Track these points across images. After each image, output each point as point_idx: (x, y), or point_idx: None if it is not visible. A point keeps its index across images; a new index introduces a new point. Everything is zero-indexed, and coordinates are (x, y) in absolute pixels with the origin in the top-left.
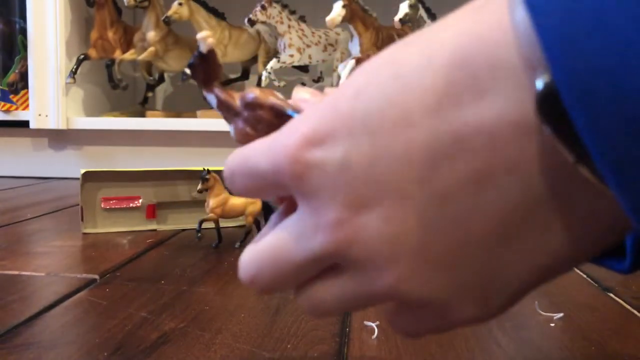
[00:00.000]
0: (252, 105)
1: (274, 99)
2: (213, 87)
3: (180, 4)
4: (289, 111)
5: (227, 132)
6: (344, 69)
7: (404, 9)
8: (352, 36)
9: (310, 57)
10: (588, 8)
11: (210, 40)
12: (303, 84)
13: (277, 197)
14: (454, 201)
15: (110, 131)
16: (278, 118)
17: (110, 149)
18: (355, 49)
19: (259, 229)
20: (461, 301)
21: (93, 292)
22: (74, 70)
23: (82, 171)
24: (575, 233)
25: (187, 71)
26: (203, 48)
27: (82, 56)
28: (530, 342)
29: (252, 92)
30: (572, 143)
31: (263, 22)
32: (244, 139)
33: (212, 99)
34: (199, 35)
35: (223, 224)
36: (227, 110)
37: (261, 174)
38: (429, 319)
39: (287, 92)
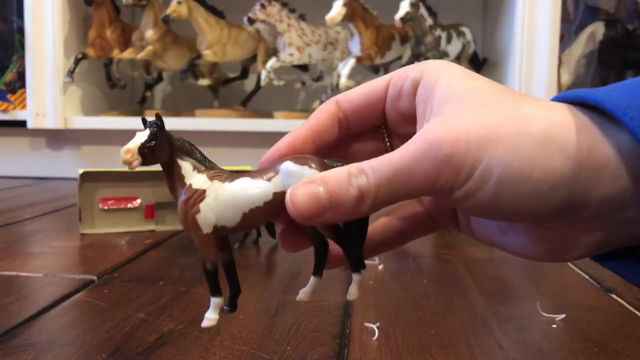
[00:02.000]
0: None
1: (196, 234)
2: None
3: (179, 2)
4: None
5: (226, 132)
6: (344, 67)
7: (404, 7)
8: (352, 35)
9: (310, 56)
10: None
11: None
12: (303, 83)
13: None
14: None
15: (108, 131)
16: None
17: (109, 148)
18: (355, 47)
19: (258, 229)
20: None
21: (91, 293)
22: (71, 69)
23: (80, 171)
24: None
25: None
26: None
27: (80, 55)
28: (531, 343)
29: (181, 215)
30: None
31: (262, 21)
32: None
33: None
34: None
35: None
36: None
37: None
38: None
39: (287, 91)
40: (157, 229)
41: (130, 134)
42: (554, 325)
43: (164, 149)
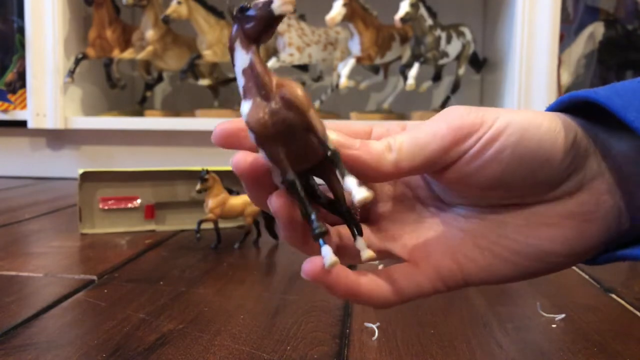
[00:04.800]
0: (289, 104)
1: (313, 112)
2: (252, 47)
3: (179, 2)
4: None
5: None
6: (344, 67)
7: (404, 7)
8: (352, 35)
9: (310, 56)
10: None
11: (287, 8)
12: (303, 83)
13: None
14: None
15: (108, 131)
16: (303, 132)
17: (109, 148)
18: (355, 47)
19: (258, 229)
20: None
21: (91, 293)
22: (72, 69)
23: (80, 171)
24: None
25: (236, 12)
26: (278, 9)
27: (80, 55)
28: (531, 344)
29: (297, 92)
30: None
31: None
32: (257, 125)
33: (242, 58)
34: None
35: (222, 224)
36: (255, 83)
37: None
38: None
39: None
40: (157, 229)
41: (130, 134)
42: (554, 325)
43: None
